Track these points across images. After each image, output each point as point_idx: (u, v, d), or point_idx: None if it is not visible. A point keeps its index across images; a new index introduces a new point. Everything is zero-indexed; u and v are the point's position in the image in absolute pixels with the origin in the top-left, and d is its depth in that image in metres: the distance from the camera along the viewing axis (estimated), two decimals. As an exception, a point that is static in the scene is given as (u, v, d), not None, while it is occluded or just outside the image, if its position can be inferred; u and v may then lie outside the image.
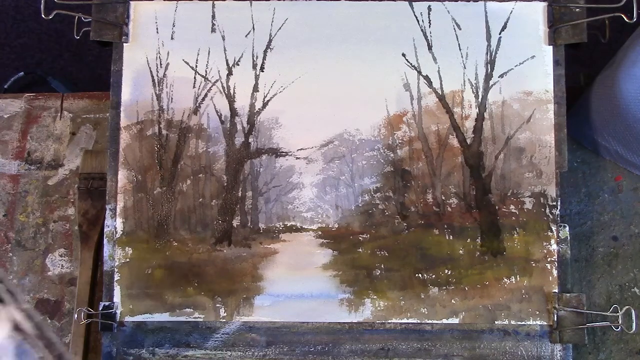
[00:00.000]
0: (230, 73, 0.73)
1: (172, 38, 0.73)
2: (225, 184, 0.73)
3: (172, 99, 0.73)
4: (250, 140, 0.73)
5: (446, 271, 0.71)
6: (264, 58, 0.73)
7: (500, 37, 0.72)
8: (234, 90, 0.73)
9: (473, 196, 0.72)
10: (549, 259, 0.70)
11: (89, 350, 0.74)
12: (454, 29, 0.73)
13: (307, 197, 0.73)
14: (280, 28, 0.73)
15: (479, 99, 0.72)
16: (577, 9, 0.71)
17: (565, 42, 0.71)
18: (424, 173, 0.72)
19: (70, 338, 0.72)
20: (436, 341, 0.70)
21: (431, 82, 0.72)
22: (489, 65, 0.72)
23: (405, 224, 0.72)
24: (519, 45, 0.72)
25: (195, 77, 0.73)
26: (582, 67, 0.79)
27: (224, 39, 0.73)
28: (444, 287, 0.71)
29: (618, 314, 0.68)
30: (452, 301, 0.70)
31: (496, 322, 0.70)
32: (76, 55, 1.41)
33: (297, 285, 0.71)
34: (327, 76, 0.73)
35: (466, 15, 0.72)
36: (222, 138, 0.73)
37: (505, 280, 0.70)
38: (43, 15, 0.68)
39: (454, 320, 0.70)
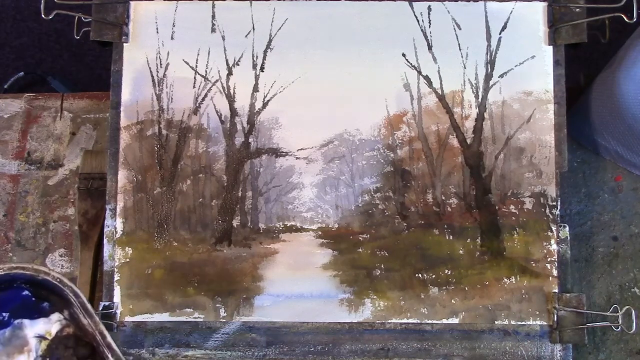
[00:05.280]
0: (230, 73, 0.73)
1: (172, 38, 0.73)
2: (225, 184, 0.72)
3: (172, 99, 0.73)
4: (250, 140, 0.73)
5: (446, 271, 0.71)
6: (264, 58, 0.73)
7: (500, 37, 0.72)
8: (234, 90, 0.73)
9: (473, 196, 0.72)
10: (549, 259, 0.70)
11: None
12: (454, 29, 0.73)
13: (307, 197, 0.72)
14: (280, 28, 0.73)
15: (479, 99, 0.72)
16: (577, 9, 0.71)
17: (565, 42, 0.71)
18: (424, 173, 0.72)
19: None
20: (436, 341, 0.70)
21: (431, 82, 0.72)
22: (489, 65, 0.72)
23: (405, 224, 0.72)
24: (519, 45, 0.72)
25: (195, 77, 0.73)
26: (582, 67, 0.79)
27: (224, 39, 0.73)
28: (444, 287, 0.71)
29: (618, 314, 0.68)
30: (452, 301, 0.70)
31: (496, 322, 0.70)
32: (76, 55, 1.41)
33: (297, 285, 0.71)
34: (327, 76, 0.73)
35: (466, 15, 0.72)
36: (222, 138, 0.73)
37: (505, 280, 0.70)
38: (43, 15, 0.68)
39: (454, 320, 0.70)
